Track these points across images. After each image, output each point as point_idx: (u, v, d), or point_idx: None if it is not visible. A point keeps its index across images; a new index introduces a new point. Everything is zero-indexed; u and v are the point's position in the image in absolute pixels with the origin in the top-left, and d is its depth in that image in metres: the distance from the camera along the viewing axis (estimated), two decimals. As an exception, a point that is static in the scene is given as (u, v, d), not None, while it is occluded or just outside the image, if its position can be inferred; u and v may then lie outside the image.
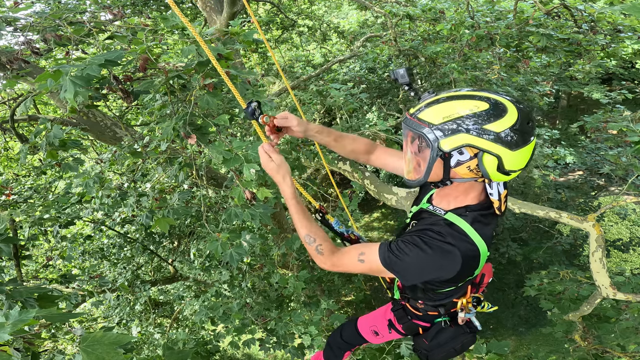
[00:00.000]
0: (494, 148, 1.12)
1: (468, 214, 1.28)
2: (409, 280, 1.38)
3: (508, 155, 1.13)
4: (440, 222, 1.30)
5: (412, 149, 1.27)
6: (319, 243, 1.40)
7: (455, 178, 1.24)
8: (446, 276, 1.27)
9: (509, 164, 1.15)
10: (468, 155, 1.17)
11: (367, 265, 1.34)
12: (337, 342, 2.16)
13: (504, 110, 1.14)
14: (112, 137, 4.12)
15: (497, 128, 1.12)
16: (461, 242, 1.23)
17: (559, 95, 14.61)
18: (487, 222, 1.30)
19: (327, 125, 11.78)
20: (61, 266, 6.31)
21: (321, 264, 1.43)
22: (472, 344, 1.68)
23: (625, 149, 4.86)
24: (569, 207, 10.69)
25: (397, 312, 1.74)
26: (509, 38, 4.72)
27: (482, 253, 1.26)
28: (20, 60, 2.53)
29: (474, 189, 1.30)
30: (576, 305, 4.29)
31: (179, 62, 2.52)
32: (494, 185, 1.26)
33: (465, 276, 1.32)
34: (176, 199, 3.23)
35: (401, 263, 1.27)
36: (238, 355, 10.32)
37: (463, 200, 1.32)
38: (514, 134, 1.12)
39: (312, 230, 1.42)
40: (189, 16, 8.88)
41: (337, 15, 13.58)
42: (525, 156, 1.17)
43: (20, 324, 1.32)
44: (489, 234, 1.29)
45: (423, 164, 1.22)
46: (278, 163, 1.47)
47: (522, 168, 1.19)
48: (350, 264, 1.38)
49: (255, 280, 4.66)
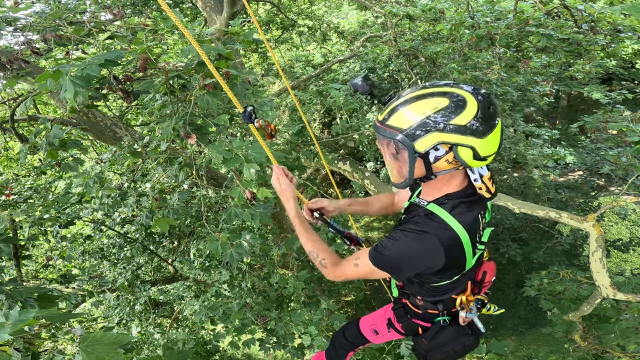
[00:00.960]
0: (465, 140, 1.18)
1: (447, 202, 1.32)
2: (400, 274, 1.44)
3: (479, 143, 1.19)
4: (421, 213, 1.34)
5: (390, 153, 1.32)
6: (322, 257, 1.53)
7: (439, 172, 1.29)
8: (434, 266, 1.31)
9: (483, 151, 1.21)
10: (444, 150, 1.22)
11: (362, 269, 1.43)
12: (341, 342, 2.16)
13: (464, 103, 1.18)
14: (112, 137, 4.12)
15: (462, 121, 1.17)
16: (438, 230, 1.27)
17: (559, 95, 14.61)
18: (470, 209, 1.33)
19: (327, 125, 11.79)
20: (61, 266, 6.31)
21: (327, 276, 1.55)
22: (474, 347, 1.64)
23: (625, 149, 4.86)
24: (569, 207, 10.69)
25: (397, 310, 1.74)
26: (509, 38, 4.72)
27: (463, 239, 1.28)
28: (20, 60, 2.54)
29: (455, 177, 1.34)
30: (576, 305, 4.29)
31: (179, 62, 2.52)
32: (475, 170, 1.31)
33: (455, 265, 1.35)
34: (176, 199, 3.23)
35: (387, 259, 1.33)
36: (238, 355, 10.32)
37: (445, 190, 1.35)
38: (478, 123, 1.18)
39: (315, 246, 1.56)
40: (189, 16, 8.88)
41: (337, 15, 13.58)
42: (495, 140, 1.22)
43: (20, 324, 1.32)
44: (471, 219, 1.32)
45: (404, 166, 1.28)
46: (284, 187, 1.67)
47: (496, 151, 1.25)
48: (349, 271, 1.48)
49: (255, 280, 4.65)
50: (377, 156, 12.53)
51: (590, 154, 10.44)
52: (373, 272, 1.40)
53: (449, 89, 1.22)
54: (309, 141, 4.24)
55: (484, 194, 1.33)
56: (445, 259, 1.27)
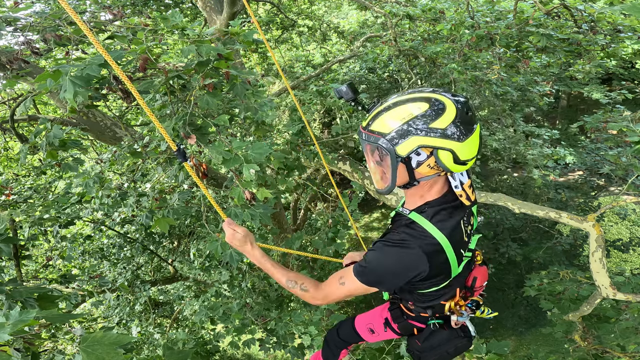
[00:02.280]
0: (445, 143, 1.20)
1: (427, 209, 1.34)
2: (387, 286, 1.44)
3: (458, 147, 1.21)
4: (403, 222, 1.36)
5: (374, 159, 1.34)
6: (301, 282, 1.51)
7: (421, 177, 1.30)
8: (419, 275, 1.31)
9: (463, 155, 1.23)
10: (425, 155, 1.25)
11: (348, 287, 1.41)
12: (334, 340, 2.17)
13: (443, 107, 1.21)
14: (112, 137, 4.12)
15: (441, 125, 1.20)
16: (418, 239, 1.28)
17: (559, 95, 14.61)
18: (451, 215, 1.34)
19: (327, 125, 11.78)
20: (61, 266, 6.31)
21: (312, 300, 1.50)
22: (467, 349, 1.67)
23: (625, 149, 4.86)
24: (569, 207, 10.69)
25: (394, 311, 1.75)
26: (509, 38, 4.72)
27: (444, 246, 1.30)
28: (20, 60, 2.54)
29: (436, 184, 1.36)
30: (576, 305, 4.28)
31: (179, 62, 2.52)
32: (456, 176, 1.33)
33: (439, 272, 1.36)
34: (176, 199, 3.22)
35: (372, 273, 1.34)
36: (238, 355, 10.32)
37: (426, 197, 1.37)
38: (457, 127, 1.20)
39: (290, 275, 1.53)
40: (189, 16, 8.88)
41: (337, 15, 13.58)
42: (474, 144, 1.25)
43: (20, 324, 1.32)
44: (452, 225, 1.33)
45: (387, 171, 1.29)
46: (244, 234, 1.59)
47: (475, 155, 1.27)
48: (335, 291, 1.45)
49: (255, 280, 4.66)
50: (377, 156, 12.49)
51: (590, 154, 10.43)
52: (358, 289, 1.39)
53: (429, 95, 1.25)
54: (309, 141, 4.24)
55: (464, 202, 1.35)
56: (429, 267, 1.28)
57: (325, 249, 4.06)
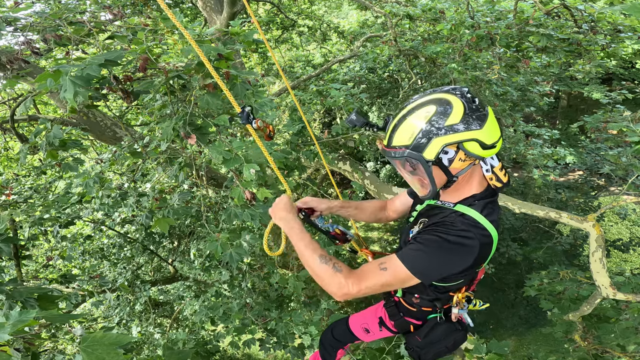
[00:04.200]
0: (467, 135, 1.22)
1: (477, 202, 1.35)
2: (432, 277, 1.32)
3: (480, 133, 1.23)
4: (452, 214, 1.34)
5: (407, 171, 1.35)
6: (335, 262, 1.32)
7: (458, 172, 1.31)
8: (464, 267, 1.28)
9: (487, 139, 1.25)
10: (453, 152, 1.27)
11: (390, 273, 1.28)
12: (329, 340, 2.16)
13: (449, 104, 1.24)
14: (112, 137, 4.12)
15: (455, 120, 1.22)
16: (476, 229, 1.28)
17: (559, 95, 14.61)
18: (494, 208, 1.37)
19: (327, 125, 11.74)
20: (61, 266, 6.31)
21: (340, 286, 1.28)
22: (463, 342, 1.68)
23: (625, 149, 4.86)
24: (569, 207, 10.69)
25: (390, 308, 1.74)
26: (509, 38, 4.72)
27: (494, 239, 1.31)
28: (20, 60, 2.53)
29: (474, 176, 1.37)
30: (576, 305, 4.29)
31: (179, 62, 2.52)
32: (487, 160, 1.35)
33: (480, 264, 1.35)
34: (176, 199, 3.23)
35: (423, 262, 1.27)
36: (238, 355, 10.31)
37: (469, 190, 1.38)
38: (470, 117, 1.23)
39: (324, 252, 1.36)
40: (189, 16, 8.88)
41: (337, 15, 13.58)
42: (493, 125, 1.27)
43: (20, 325, 1.32)
44: (497, 219, 1.35)
45: (424, 178, 1.31)
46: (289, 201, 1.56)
47: (500, 135, 1.30)
48: (372, 276, 1.29)
49: (255, 280, 4.65)
50: (377, 156, 12.53)
51: (590, 154, 10.44)
52: (404, 279, 1.28)
53: (431, 97, 1.28)
54: (309, 141, 4.24)
55: (495, 184, 1.37)
56: (475, 260, 1.27)
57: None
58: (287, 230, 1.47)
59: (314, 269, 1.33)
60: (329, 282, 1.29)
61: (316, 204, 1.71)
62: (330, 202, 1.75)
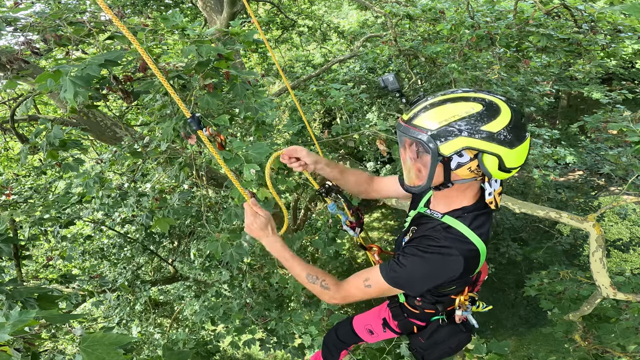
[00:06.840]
0: (493, 148, 1.13)
1: (466, 215, 1.29)
2: (416, 290, 1.38)
3: (507, 153, 1.15)
4: (438, 226, 1.31)
5: (410, 154, 1.27)
6: (322, 279, 1.40)
7: (457, 180, 1.25)
8: (452, 278, 1.28)
9: (510, 162, 1.17)
10: (468, 157, 1.18)
11: (374, 289, 1.34)
12: (333, 341, 2.16)
13: (498, 110, 1.15)
14: (112, 137, 4.12)
15: (493, 128, 1.13)
16: (460, 244, 1.25)
17: (559, 95, 14.59)
18: (484, 221, 1.31)
19: (327, 125, 11.74)
20: (61, 266, 6.31)
21: (331, 300, 1.40)
22: (468, 343, 1.68)
23: (625, 149, 4.85)
24: (569, 207, 10.69)
25: (394, 309, 1.74)
26: (509, 38, 4.72)
27: (481, 252, 1.28)
28: (21, 61, 2.53)
29: (471, 189, 1.31)
30: (576, 305, 4.28)
31: (179, 62, 2.52)
32: (492, 182, 1.26)
33: (469, 275, 1.34)
34: (176, 199, 3.23)
35: (404, 277, 1.29)
36: (238, 356, 10.31)
37: (460, 202, 1.32)
38: (509, 132, 1.14)
39: (311, 270, 1.42)
40: (189, 16, 8.88)
41: (337, 15, 13.58)
42: (523, 153, 1.19)
43: (20, 325, 1.32)
44: (486, 231, 1.31)
45: (424, 170, 1.22)
46: (266, 219, 1.47)
47: (521, 165, 1.21)
48: (357, 292, 1.37)
49: (255, 280, 4.65)
50: (377, 156, 12.51)
51: (590, 154, 10.43)
52: (387, 291, 1.34)
53: (485, 96, 1.18)
54: (309, 141, 4.24)
55: (491, 207, 1.32)
56: (462, 271, 1.26)
57: (325, 249, 4.07)
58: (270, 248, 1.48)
59: (304, 285, 1.43)
60: (319, 296, 1.42)
61: (304, 155, 1.62)
62: (318, 156, 1.66)
